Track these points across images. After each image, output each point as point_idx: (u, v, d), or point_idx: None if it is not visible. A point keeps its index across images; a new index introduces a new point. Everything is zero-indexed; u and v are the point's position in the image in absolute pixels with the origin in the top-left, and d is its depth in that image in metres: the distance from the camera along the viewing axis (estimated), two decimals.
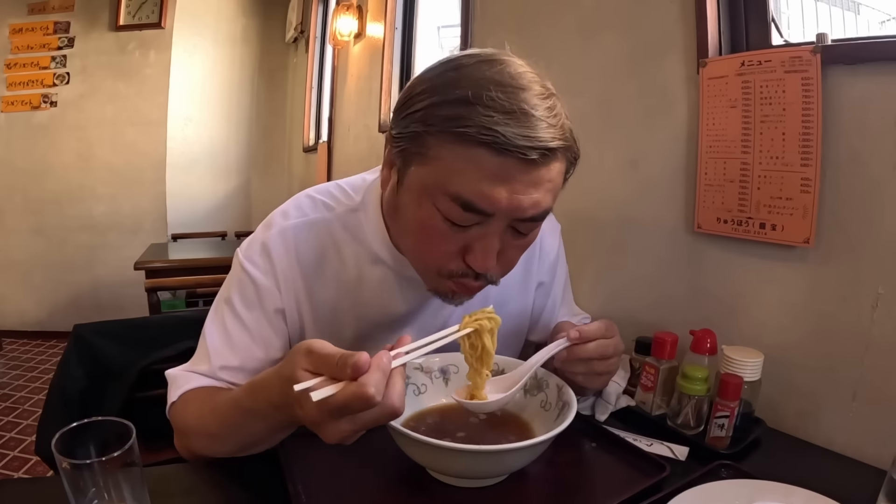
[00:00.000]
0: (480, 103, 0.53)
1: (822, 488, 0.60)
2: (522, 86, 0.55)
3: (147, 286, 1.81)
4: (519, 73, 0.57)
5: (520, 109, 0.54)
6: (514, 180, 0.56)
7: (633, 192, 1.17)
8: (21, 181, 3.71)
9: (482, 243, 0.60)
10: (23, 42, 3.68)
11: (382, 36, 2.61)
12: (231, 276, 0.75)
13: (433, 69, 0.60)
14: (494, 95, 0.53)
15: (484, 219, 0.58)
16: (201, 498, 0.65)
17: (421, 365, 0.74)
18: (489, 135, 0.53)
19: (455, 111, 0.54)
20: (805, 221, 0.85)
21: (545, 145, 0.54)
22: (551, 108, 0.56)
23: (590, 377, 0.70)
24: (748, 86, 0.91)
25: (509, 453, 0.58)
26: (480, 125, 0.53)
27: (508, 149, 0.53)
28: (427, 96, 0.57)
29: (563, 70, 1.28)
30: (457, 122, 0.54)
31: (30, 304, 3.79)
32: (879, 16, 0.98)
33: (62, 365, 1.23)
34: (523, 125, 0.53)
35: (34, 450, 1.82)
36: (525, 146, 0.53)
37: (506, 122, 0.53)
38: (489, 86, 0.54)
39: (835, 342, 0.84)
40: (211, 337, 0.72)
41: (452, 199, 0.56)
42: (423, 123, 0.57)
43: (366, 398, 0.45)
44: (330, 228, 0.74)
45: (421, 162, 0.58)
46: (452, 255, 0.62)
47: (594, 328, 0.69)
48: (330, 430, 0.48)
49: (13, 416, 2.59)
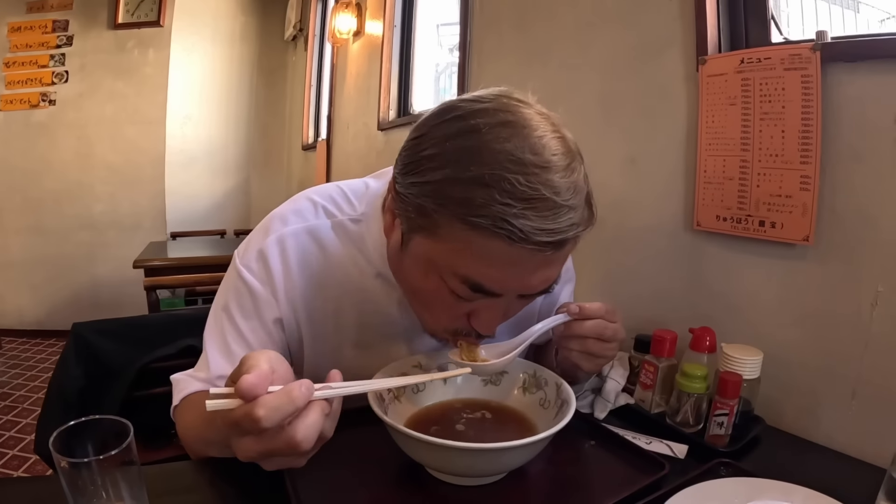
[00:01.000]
0: (498, 188, 0.49)
1: (821, 486, 0.60)
2: (545, 164, 0.51)
3: (146, 284, 1.81)
4: (541, 144, 0.52)
5: (540, 197, 0.50)
6: (525, 265, 0.54)
7: (633, 189, 1.16)
8: (20, 180, 3.71)
9: (489, 312, 0.60)
10: (21, 40, 3.68)
11: (381, 34, 2.61)
12: (228, 280, 0.74)
13: (444, 125, 0.55)
14: (513, 179, 0.49)
15: (492, 295, 0.57)
16: (200, 497, 0.64)
17: (419, 363, 0.74)
18: (505, 229, 0.50)
19: (470, 194, 0.50)
20: (804, 219, 0.85)
21: (563, 237, 0.52)
22: (572, 187, 0.52)
23: (584, 356, 0.69)
24: (747, 83, 0.91)
25: (508, 451, 0.58)
26: (496, 216, 0.49)
27: (525, 244, 0.50)
28: (438, 167, 0.53)
29: (562, 68, 1.28)
30: (471, 208, 0.50)
31: (29, 303, 3.79)
32: (879, 14, 0.98)
33: (61, 364, 1.23)
34: (542, 215, 0.50)
35: (33, 448, 1.83)
36: (542, 241, 0.51)
37: (524, 214, 0.49)
38: (508, 165, 0.50)
39: (834, 340, 0.84)
40: (210, 345, 0.72)
41: (461, 280, 0.55)
42: (433, 200, 0.53)
43: (253, 419, 0.43)
44: (329, 236, 0.72)
45: (428, 236, 0.56)
46: (458, 318, 0.62)
47: (595, 307, 0.68)
48: (237, 444, 0.47)
49: (12, 415, 2.59)
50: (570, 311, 0.67)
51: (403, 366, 0.72)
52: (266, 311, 0.71)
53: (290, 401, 0.45)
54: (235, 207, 4.38)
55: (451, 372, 0.66)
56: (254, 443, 0.46)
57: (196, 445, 0.69)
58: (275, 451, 0.46)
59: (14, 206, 3.73)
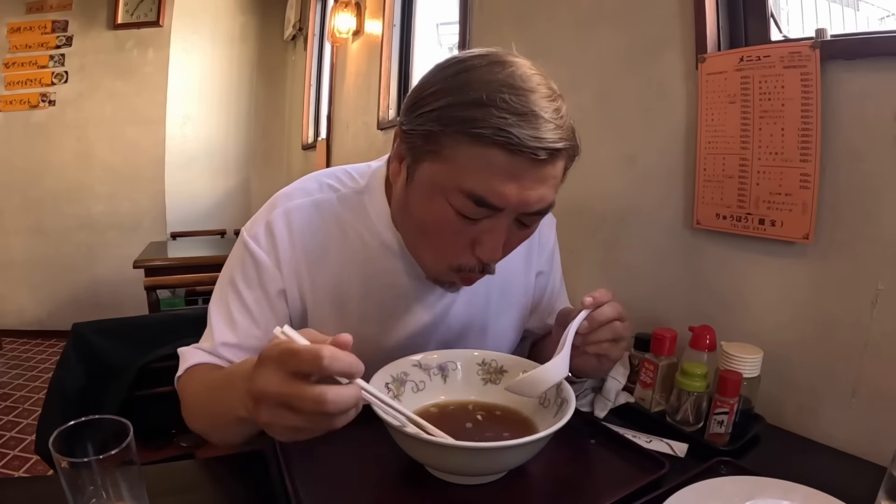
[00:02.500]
0: (494, 105, 0.56)
1: (821, 485, 0.60)
2: (531, 88, 0.58)
3: (146, 284, 1.81)
4: (528, 76, 0.59)
5: (530, 112, 0.57)
6: (523, 177, 0.59)
7: (632, 187, 1.16)
8: (20, 180, 3.71)
9: (491, 236, 0.63)
10: (21, 41, 3.68)
11: (381, 33, 2.60)
12: (235, 253, 0.77)
13: (444, 69, 0.62)
14: (507, 98, 0.56)
15: (494, 213, 0.61)
16: (199, 496, 0.65)
17: (419, 362, 0.74)
18: (503, 136, 0.56)
19: (470, 113, 0.57)
20: (804, 217, 0.85)
21: (553, 146, 0.58)
22: (558, 111, 0.59)
23: (614, 345, 0.71)
24: (747, 81, 0.91)
25: (508, 450, 0.58)
26: (495, 126, 0.56)
27: (521, 149, 0.56)
28: (441, 97, 0.60)
29: (562, 65, 1.28)
30: (472, 123, 0.57)
31: (29, 303, 3.79)
32: (879, 12, 0.97)
33: (61, 364, 1.23)
34: (534, 127, 0.57)
35: (34, 449, 1.83)
36: (535, 147, 0.57)
37: (518, 125, 0.56)
38: (501, 88, 0.57)
39: (834, 338, 0.84)
40: (214, 316, 0.75)
41: (466, 196, 0.59)
42: (438, 123, 0.59)
43: (316, 355, 0.44)
44: (334, 208, 0.76)
45: (434, 159, 0.61)
46: (462, 249, 0.65)
47: (602, 292, 0.70)
48: (262, 376, 0.46)
49: (13, 416, 2.59)
50: (586, 303, 0.69)
51: (404, 364, 0.72)
52: (270, 282, 0.73)
53: (354, 363, 0.46)
54: (235, 207, 4.38)
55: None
56: (283, 381, 0.45)
57: (196, 414, 0.70)
58: (299, 397, 0.44)
59: (14, 206, 3.73)
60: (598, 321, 0.69)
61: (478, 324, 0.84)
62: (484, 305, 0.83)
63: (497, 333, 0.86)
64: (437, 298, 0.79)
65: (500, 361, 0.76)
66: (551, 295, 0.93)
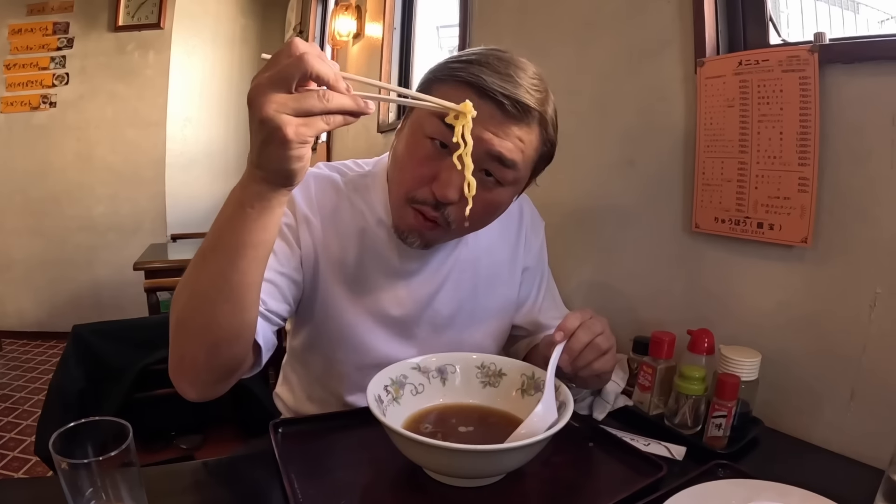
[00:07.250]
0: (479, 63, 0.67)
1: (819, 488, 0.60)
2: (520, 66, 0.69)
3: (146, 286, 1.81)
4: (522, 61, 0.70)
5: (507, 74, 0.67)
6: (488, 122, 0.66)
7: (631, 191, 1.17)
8: (20, 181, 3.70)
9: (449, 173, 0.67)
10: (22, 43, 3.68)
11: (381, 36, 2.61)
12: None
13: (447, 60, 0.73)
14: (493, 62, 0.67)
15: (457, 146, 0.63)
16: (199, 497, 0.65)
17: (418, 365, 0.74)
18: (475, 79, 0.66)
19: (459, 66, 0.68)
20: (803, 221, 0.85)
21: (520, 99, 0.66)
22: (536, 87, 0.69)
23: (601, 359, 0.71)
24: (746, 85, 0.91)
25: (506, 453, 0.58)
26: (474, 73, 0.66)
27: (489, 93, 0.65)
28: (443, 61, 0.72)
29: (561, 69, 1.28)
30: (458, 71, 0.68)
31: (29, 305, 3.79)
32: (878, 15, 0.98)
33: (61, 365, 1.23)
34: (506, 82, 0.66)
35: (34, 450, 1.83)
36: (502, 94, 0.65)
37: (492, 76, 0.66)
38: (490, 55, 0.69)
39: (832, 342, 0.84)
40: None
41: (438, 118, 0.65)
42: (432, 74, 0.72)
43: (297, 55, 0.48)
44: (341, 186, 0.84)
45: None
46: (423, 181, 0.70)
47: (569, 319, 0.70)
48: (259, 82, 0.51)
49: (13, 417, 2.59)
50: (556, 339, 0.69)
51: (403, 367, 0.73)
52: (288, 228, 0.79)
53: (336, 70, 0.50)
54: None
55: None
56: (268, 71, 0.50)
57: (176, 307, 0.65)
58: (278, 60, 0.50)
59: (15, 207, 3.73)
60: (576, 350, 0.69)
61: (466, 310, 0.87)
62: (471, 291, 0.88)
63: (484, 319, 0.90)
64: (427, 278, 0.84)
65: (498, 364, 0.77)
66: (536, 295, 0.96)
